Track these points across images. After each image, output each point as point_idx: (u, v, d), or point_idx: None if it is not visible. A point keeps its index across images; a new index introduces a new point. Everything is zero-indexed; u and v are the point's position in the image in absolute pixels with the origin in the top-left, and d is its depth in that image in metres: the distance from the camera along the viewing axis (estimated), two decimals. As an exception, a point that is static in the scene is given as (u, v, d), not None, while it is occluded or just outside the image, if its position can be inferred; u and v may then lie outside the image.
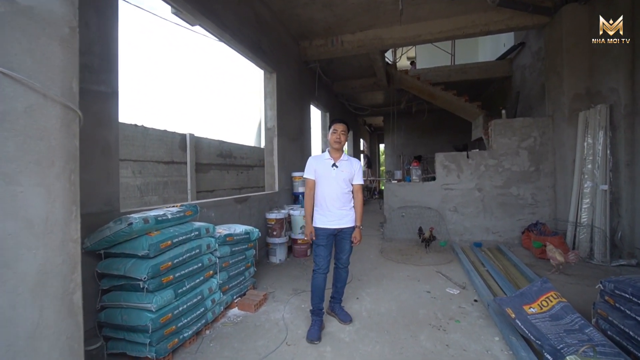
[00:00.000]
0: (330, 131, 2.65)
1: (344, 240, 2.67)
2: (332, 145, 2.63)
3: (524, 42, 7.04)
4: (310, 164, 2.67)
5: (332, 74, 8.15)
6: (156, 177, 5.04)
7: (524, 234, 4.98)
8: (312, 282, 2.60)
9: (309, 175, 2.65)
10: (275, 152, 5.19)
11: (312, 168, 2.63)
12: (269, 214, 4.39)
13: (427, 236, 4.72)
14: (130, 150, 4.55)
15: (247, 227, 3.24)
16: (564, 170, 4.82)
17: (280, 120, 5.30)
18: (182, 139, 5.47)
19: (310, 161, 2.68)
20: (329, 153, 2.67)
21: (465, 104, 7.03)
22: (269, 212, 4.48)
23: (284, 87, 5.54)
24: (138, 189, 4.69)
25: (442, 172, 5.56)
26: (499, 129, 5.32)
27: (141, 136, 4.75)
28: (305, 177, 2.67)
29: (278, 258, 4.40)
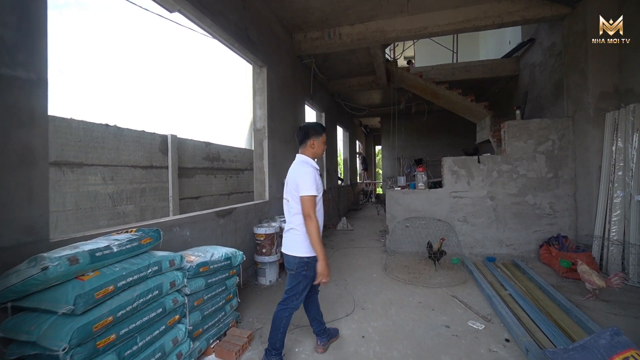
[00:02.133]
0: (320, 139, 2.25)
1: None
2: (319, 156, 2.33)
3: (534, 38, 6.58)
4: (316, 176, 2.15)
5: (328, 71, 7.59)
6: (132, 184, 4.43)
7: (543, 248, 4.48)
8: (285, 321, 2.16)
9: (317, 191, 2.12)
10: (265, 156, 4.60)
11: (318, 182, 2.16)
12: (258, 229, 3.80)
13: (437, 249, 4.17)
14: (100, 154, 3.95)
15: (229, 249, 2.65)
16: (588, 177, 4.33)
17: (271, 120, 4.72)
18: (163, 140, 4.87)
19: (315, 173, 2.15)
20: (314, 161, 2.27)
21: (471, 104, 6.54)
22: (257, 226, 3.89)
23: (276, 84, 4.96)
24: (110, 198, 4.07)
25: (451, 179, 5.03)
26: (513, 131, 4.81)
27: (114, 138, 4.14)
28: (314, 194, 2.08)
29: (268, 279, 3.81)
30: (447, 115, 11.13)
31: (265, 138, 4.58)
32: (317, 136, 2.23)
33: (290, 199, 2.16)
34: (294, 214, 2.16)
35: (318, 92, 7.49)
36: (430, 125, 11.16)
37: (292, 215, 2.17)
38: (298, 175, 2.11)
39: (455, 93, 6.62)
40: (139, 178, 4.55)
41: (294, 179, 2.14)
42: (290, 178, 2.19)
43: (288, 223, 2.22)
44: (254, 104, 4.66)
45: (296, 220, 2.14)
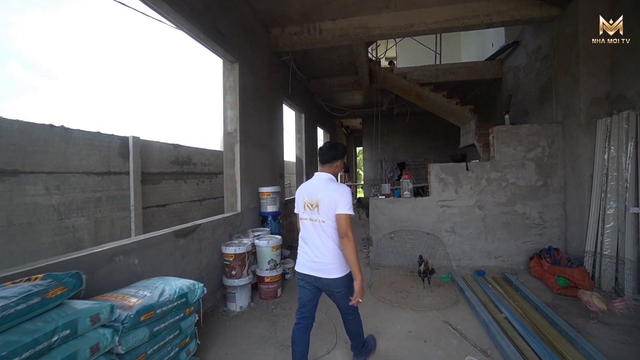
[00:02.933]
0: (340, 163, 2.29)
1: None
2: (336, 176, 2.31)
3: (518, 40, 6.44)
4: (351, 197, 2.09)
5: (308, 70, 7.16)
6: (84, 193, 3.85)
7: (533, 260, 4.26)
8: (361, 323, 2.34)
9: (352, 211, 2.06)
10: (237, 163, 4.11)
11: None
12: (227, 247, 3.31)
13: (422, 270, 3.85)
14: (42, 159, 3.36)
15: (185, 282, 2.17)
16: (579, 186, 4.14)
17: (244, 122, 4.23)
18: (124, 143, 4.31)
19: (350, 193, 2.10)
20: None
21: (456, 107, 6.32)
22: (226, 245, 3.40)
23: (250, 82, 4.48)
24: (55, 210, 3.48)
25: (438, 187, 4.74)
26: (503, 137, 4.58)
27: (60, 140, 3.56)
28: (352, 213, 2.04)
29: (239, 304, 3.34)
30: (429, 117, 10.98)
31: (236, 142, 4.10)
32: (341, 158, 2.26)
33: (327, 219, 2.05)
34: (331, 235, 2.06)
35: (297, 92, 7.05)
36: (412, 127, 10.97)
37: (327, 236, 2.06)
38: (337, 194, 2.04)
39: (440, 95, 6.37)
40: (93, 186, 3.97)
41: (331, 198, 2.03)
42: (324, 197, 2.06)
43: (322, 246, 2.07)
44: (225, 105, 4.16)
45: (330, 241, 2.06)
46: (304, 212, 2.15)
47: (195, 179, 6.06)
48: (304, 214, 2.15)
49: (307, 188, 2.19)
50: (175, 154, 5.37)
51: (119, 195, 4.29)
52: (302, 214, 2.17)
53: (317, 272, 2.07)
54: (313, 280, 2.12)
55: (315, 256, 2.08)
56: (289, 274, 4.28)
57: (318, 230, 2.08)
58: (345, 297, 2.10)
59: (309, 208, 2.12)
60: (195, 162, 5.98)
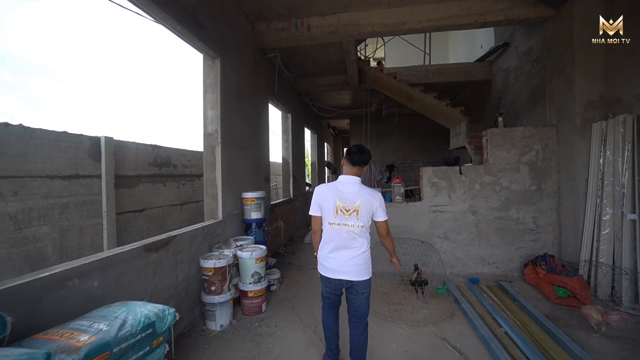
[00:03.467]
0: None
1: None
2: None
3: (508, 42, 6.37)
4: None
5: (296, 69, 6.89)
6: (47, 199, 3.49)
7: (528, 267, 4.13)
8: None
9: None
10: (218, 166, 3.80)
11: None
12: (205, 261, 3.00)
13: (414, 280, 3.65)
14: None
15: (153, 308, 1.87)
16: (573, 190, 4.04)
17: (226, 122, 3.93)
18: (95, 144, 3.97)
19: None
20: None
21: (447, 108, 6.19)
22: (205, 258, 3.09)
23: (233, 80, 4.17)
24: (11, 219, 3.11)
25: (431, 191, 4.56)
26: (497, 139, 4.44)
27: (18, 141, 3.20)
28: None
29: (219, 323, 3.04)
30: (418, 118, 10.87)
31: (217, 144, 3.78)
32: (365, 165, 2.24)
33: (366, 224, 2.11)
34: (364, 238, 2.14)
35: (284, 92, 6.76)
36: (401, 128, 10.85)
37: (365, 240, 2.15)
38: (376, 201, 2.12)
39: (431, 96, 6.22)
40: (59, 191, 3.61)
41: (371, 205, 2.10)
42: (364, 203, 2.08)
43: (355, 249, 2.11)
44: (205, 103, 3.84)
45: (365, 244, 2.14)
46: (335, 217, 2.10)
47: (175, 182, 5.72)
48: (336, 219, 2.10)
49: (337, 192, 2.13)
50: (153, 155, 5.03)
51: (90, 200, 3.93)
52: (333, 219, 2.11)
53: (349, 275, 2.11)
54: (344, 284, 2.15)
55: (349, 259, 2.10)
56: (274, 285, 4.00)
57: (357, 234, 2.10)
58: (367, 300, 2.18)
59: (344, 213, 2.09)
60: (176, 163, 5.63)
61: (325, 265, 2.18)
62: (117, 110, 6.86)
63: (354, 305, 2.18)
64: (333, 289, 2.20)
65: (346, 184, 2.15)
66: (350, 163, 2.19)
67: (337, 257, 2.12)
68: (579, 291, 3.31)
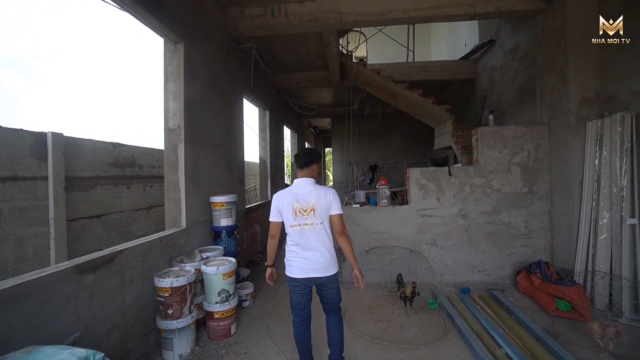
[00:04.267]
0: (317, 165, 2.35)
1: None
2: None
3: (493, 39, 6.19)
4: None
5: (274, 63, 6.43)
6: (-29, 205, 2.91)
7: (521, 275, 3.88)
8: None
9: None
10: (181, 167, 3.30)
11: None
12: (161, 279, 2.51)
13: (409, 294, 3.30)
14: None
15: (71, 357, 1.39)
16: (567, 193, 3.83)
17: (191, 117, 3.44)
18: (39, 141, 3.42)
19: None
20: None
21: (432, 106, 5.93)
22: (160, 276, 2.60)
23: (201, 69, 3.69)
24: None
25: (419, 194, 4.24)
26: (488, 138, 4.18)
27: None
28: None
29: (178, 353, 2.55)
30: (400, 118, 10.68)
31: (180, 142, 3.29)
32: (319, 161, 2.36)
33: (324, 221, 2.20)
34: (329, 235, 2.23)
35: (261, 87, 6.29)
36: (383, 128, 10.59)
37: (327, 236, 2.22)
38: (330, 196, 2.20)
39: (416, 94, 5.95)
40: (-12, 196, 3.03)
41: (326, 201, 2.18)
42: (318, 200, 2.18)
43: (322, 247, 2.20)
44: (166, 94, 3.33)
45: (328, 241, 2.22)
46: (295, 219, 2.17)
47: (141, 184, 5.16)
48: (296, 221, 2.17)
49: (293, 195, 2.20)
50: (114, 155, 4.50)
51: (32, 206, 3.36)
52: (293, 221, 2.18)
53: (317, 273, 2.19)
54: (312, 282, 2.22)
55: (316, 258, 2.18)
56: (247, 300, 3.54)
57: (319, 232, 2.18)
58: (337, 292, 2.30)
59: (302, 214, 2.17)
60: (142, 163, 5.08)
61: (293, 265, 2.22)
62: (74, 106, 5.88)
63: (327, 299, 2.29)
64: (301, 289, 2.23)
65: (300, 186, 2.22)
66: (298, 167, 2.29)
67: (306, 256, 2.19)
68: (577, 302, 3.07)
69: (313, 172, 2.29)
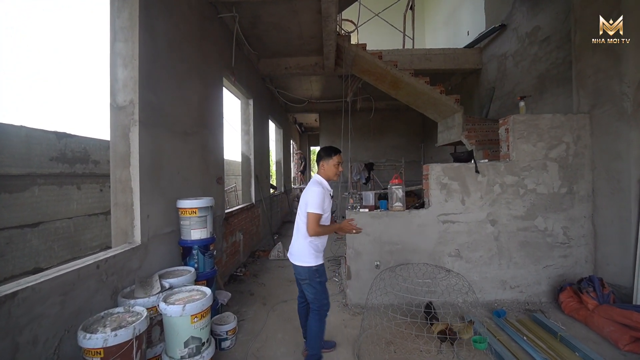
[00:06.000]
0: (331, 162, 2.43)
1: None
2: (333, 178, 2.46)
3: (505, 24, 5.59)
4: (323, 196, 2.29)
5: (259, 45, 5.53)
6: None
7: (564, 293, 3.21)
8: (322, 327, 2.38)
9: (321, 210, 2.28)
10: (134, 160, 2.36)
11: (323, 201, 2.29)
12: (88, 336, 1.58)
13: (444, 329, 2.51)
14: None
15: None
16: (617, 194, 3.19)
17: (150, 91, 2.51)
18: None
19: (323, 192, 2.30)
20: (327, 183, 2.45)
21: (440, 97, 5.23)
22: (88, 329, 1.66)
23: (166, 30, 2.76)
24: None
25: (440, 195, 3.49)
26: (520, 129, 3.49)
27: None
28: (319, 212, 2.26)
29: None
30: (392, 114, 10.03)
31: (134, 124, 2.35)
32: (327, 158, 2.44)
33: (302, 215, 2.36)
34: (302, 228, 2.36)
35: (245, 71, 5.38)
36: (375, 124, 9.88)
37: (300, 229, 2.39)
38: (308, 193, 2.32)
39: (422, 82, 5.22)
40: None
41: (305, 197, 2.34)
42: (303, 195, 2.39)
43: (295, 235, 2.44)
44: (113, 58, 2.38)
45: (302, 233, 2.36)
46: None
47: (97, 183, 4.16)
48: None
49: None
50: (59, 148, 3.54)
51: None
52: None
53: (291, 257, 2.44)
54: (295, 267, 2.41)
55: (293, 243, 2.47)
56: (228, 339, 2.63)
57: (298, 223, 2.41)
58: (309, 287, 2.35)
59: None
60: (98, 159, 4.11)
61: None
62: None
63: (305, 291, 2.41)
64: (295, 271, 2.43)
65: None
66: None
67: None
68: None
69: (321, 170, 2.47)
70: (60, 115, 5.98)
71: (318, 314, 2.33)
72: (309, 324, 2.35)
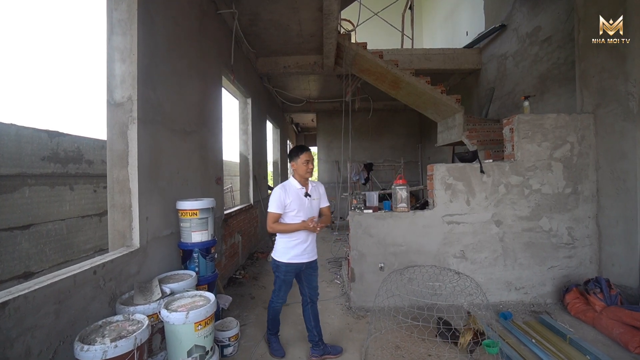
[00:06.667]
0: (299, 161, 2.43)
1: (314, 271, 2.59)
2: (304, 176, 2.46)
3: (505, 24, 5.58)
4: (279, 196, 2.35)
5: (258, 43, 5.44)
6: None
7: (570, 294, 3.17)
8: (271, 313, 2.58)
9: (277, 209, 2.35)
10: (132, 159, 2.26)
11: (281, 201, 2.35)
12: (85, 348, 1.47)
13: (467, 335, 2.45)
14: None
15: None
16: (623, 194, 3.17)
17: (148, 87, 2.40)
18: None
19: (279, 193, 2.37)
20: (297, 182, 2.45)
21: (440, 97, 5.20)
22: (87, 338, 1.56)
23: (164, 22, 2.66)
24: None
25: (445, 196, 3.44)
26: (525, 129, 3.46)
27: None
28: (273, 211, 2.36)
29: None
30: (390, 115, 10.00)
31: (132, 121, 2.24)
32: (296, 158, 2.45)
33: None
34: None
35: (243, 70, 5.28)
36: (372, 125, 9.84)
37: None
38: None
39: (423, 81, 5.18)
40: None
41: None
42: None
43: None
44: (110, 52, 2.27)
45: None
46: None
47: (91, 184, 4.02)
48: None
49: None
50: (51, 147, 3.41)
51: None
52: None
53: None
54: None
55: None
56: (230, 346, 2.54)
57: None
58: (275, 279, 2.53)
59: None
60: (92, 159, 3.97)
61: None
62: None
63: None
64: None
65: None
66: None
67: None
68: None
69: (294, 169, 2.49)
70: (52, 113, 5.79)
71: (271, 303, 2.58)
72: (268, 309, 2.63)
